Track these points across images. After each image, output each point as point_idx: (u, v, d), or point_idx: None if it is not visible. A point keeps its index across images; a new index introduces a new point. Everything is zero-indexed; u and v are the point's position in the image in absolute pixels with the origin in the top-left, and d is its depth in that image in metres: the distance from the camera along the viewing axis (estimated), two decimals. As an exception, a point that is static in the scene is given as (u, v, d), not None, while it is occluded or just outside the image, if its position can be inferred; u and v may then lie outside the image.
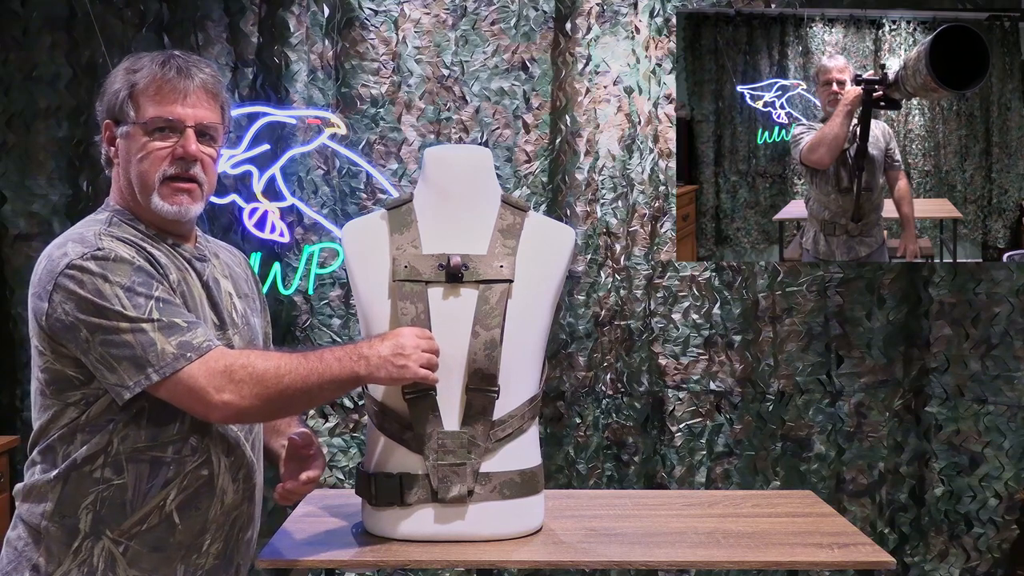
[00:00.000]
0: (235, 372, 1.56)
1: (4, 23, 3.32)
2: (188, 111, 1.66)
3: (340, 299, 3.38)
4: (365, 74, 3.37)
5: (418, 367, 1.69)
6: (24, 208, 3.35)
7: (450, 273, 1.89)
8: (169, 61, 1.67)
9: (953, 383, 3.36)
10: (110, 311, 1.54)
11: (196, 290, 1.68)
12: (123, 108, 1.66)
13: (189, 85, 1.66)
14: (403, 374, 1.68)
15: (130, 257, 1.59)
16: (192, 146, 1.65)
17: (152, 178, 1.65)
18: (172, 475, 1.62)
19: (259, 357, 1.61)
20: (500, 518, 1.89)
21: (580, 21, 3.36)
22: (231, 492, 1.68)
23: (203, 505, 1.65)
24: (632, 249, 3.40)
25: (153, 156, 1.65)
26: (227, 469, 1.67)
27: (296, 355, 1.63)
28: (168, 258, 1.67)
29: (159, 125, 1.65)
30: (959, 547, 3.37)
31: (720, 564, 1.84)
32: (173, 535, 1.62)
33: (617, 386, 3.39)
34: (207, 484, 1.65)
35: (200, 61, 1.72)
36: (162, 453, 1.61)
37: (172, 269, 1.65)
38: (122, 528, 1.60)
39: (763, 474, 3.39)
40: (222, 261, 1.81)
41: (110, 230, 1.64)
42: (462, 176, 1.99)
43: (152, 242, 1.67)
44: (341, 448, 3.38)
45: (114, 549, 1.59)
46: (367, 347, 1.67)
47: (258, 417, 1.68)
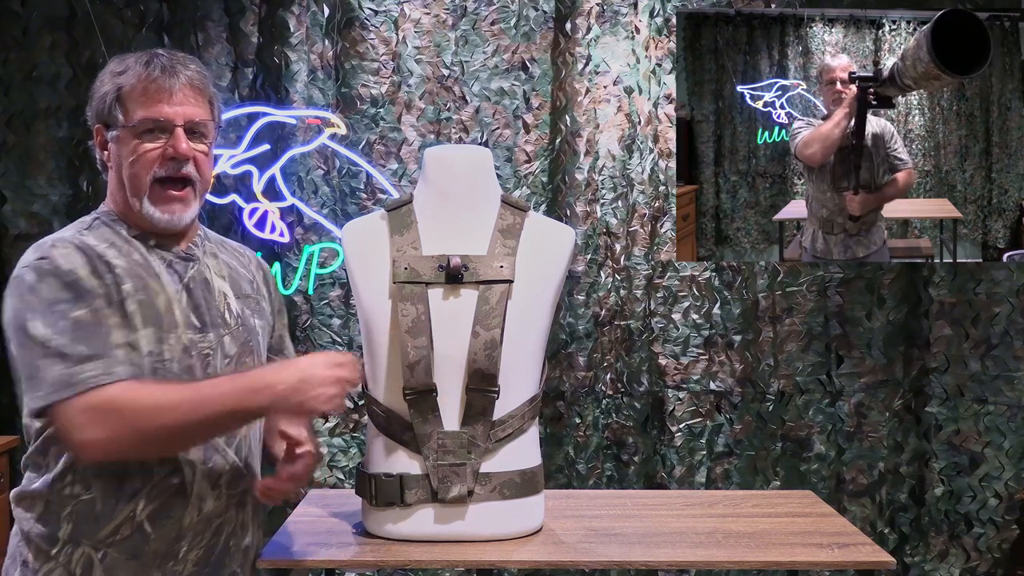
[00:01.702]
0: (113, 411, 1.50)
1: (4, 23, 3.33)
2: (176, 110, 1.64)
3: (340, 299, 3.38)
4: (365, 74, 3.37)
5: (327, 400, 1.55)
6: (24, 208, 3.35)
7: (450, 274, 1.89)
8: (153, 60, 1.65)
9: (953, 383, 3.36)
10: (27, 324, 1.53)
11: (165, 294, 1.63)
12: (111, 112, 1.65)
13: (175, 83, 1.64)
14: (311, 406, 1.55)
15: (68, 270, 1.56)
16: (182, 145, 1.63)
17: (144, 180, 1.63)
18: (139, 485, 1.59)
19: (150, 392, 1.53)
20: (500, 518, 1.89)
21: (580, 21, 3.36)
22: (211, 499, 1.64)
23: (176, 513, 1.61)
24: (632, 249, 3.40)
25: (144, 158, 1.63)
26: (203, 476, 1.63)
27: (192, 387, 1.55)
28: (136, 263, 1.63)
29: (148, 127, 1.63)
30: (959, 547, 3.37)
31: (720, 564, 1.84)
32: (148, 543, 1.60)
33: (617, 386, 3.39)
34: (178, 492, 1.61)
35: (185, 58, 1.69)
36: (127, 465, 1.59)
37: (129, 277, 1.61)
38: (97, 538, 1.60)
39: (763, 474, 3.39)
40: (221, 261, 1.77)
41: (85, 233, 1.64)
42: (462, 176, 1.99)
43: (130, 244, 1.65)
44: (341, 448, 3.38)
45: (93, 555, 1.60)
46: (272, 374, 1.56)
47: (133, 455, 1.57)
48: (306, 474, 1.70)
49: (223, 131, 3.32)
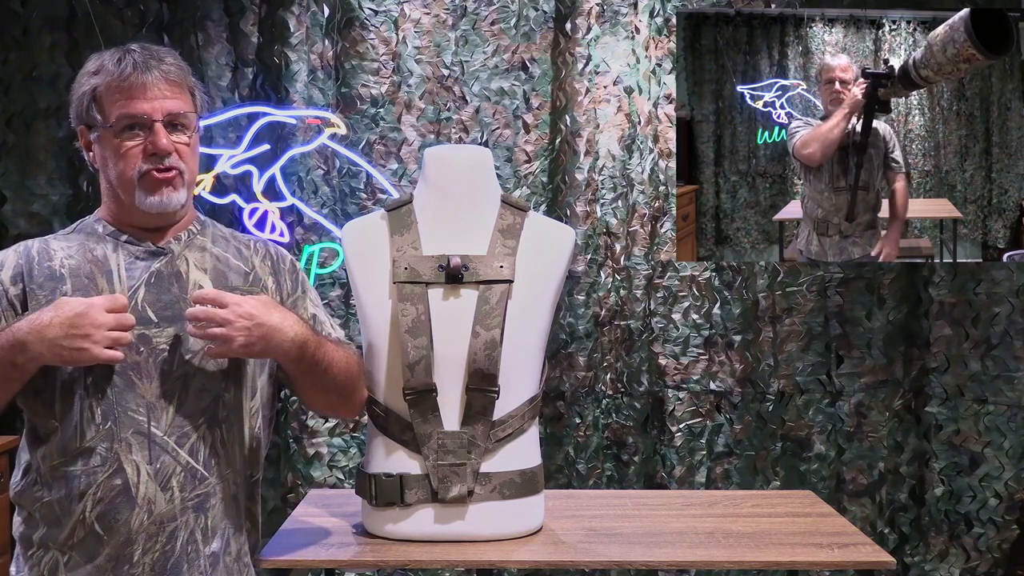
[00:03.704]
0: None
1: (4, 23, 3.32)
2: (153, 104, 1.62)
3: (340, 299, 3.38)
4: (365, 74, 3.37)
5: (101, 348, 1.50)
6: (24, 208, 3.35)
7: (450, 274, 1.89)
8: (125, 57, 1.64)
9: (953, 383, 3.36)
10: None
11: (110, 290, 1.63)
12: (90, 112, 1.65)
13: (148, 78, 1.63)
14: (79, 357, 1.50)
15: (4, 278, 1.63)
16: (162, 141, 1.62)
17: (130, 176, 1.64)
18: (84, 487, 1.59)
19: None
20: (500, 518, 1.89)
21: (580, 21, 3.36)
22: (161, 501, 1.60)
23: (122, 516, 1.59)
24: (632, 249, 3.40)
25: (127, 156, 1.63)
26: (151, 477, 1.59)
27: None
28: (90, 261, 1.65)
29: (126, 124, 1.62)
30: (959, 547, 3.37)
31: (720, 564, 1.84)
32: (102, 546, 1.60)
33: (617, 386, 3.39)
34: (123, 493, 1.59)
35: (160, 51, 1.68)
36: (73, 467, 1.59)
37: (72, 277, 1.63)
38: (60, 541, 1.61)
39: (763, 474, 3.39)
40: (208, 253, 1.73)
41: (59, 235, 1.71)
42: (462, 176, 1.99)
43: (102, 243, 1.67)
44: (341, 448, 3.38)
45: (60, 559, 1.61)
46: (28, 327, 1.51)
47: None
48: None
49: (223, 131, 3.32)
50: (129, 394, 1.61)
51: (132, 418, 1.60)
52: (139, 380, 1.61)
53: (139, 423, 1.60)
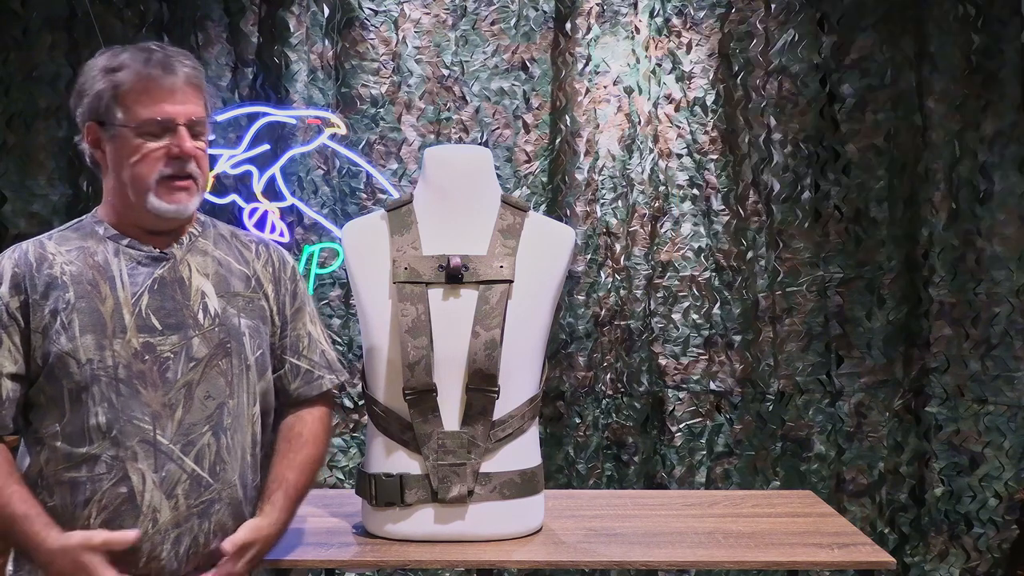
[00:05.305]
0: None
1: (4, 23, 3.32)
2: (178, 108, 1.62)
3: (340, 299, 3.38)
4: (365, 74, 3.37)
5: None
6: (24, 208, 3.35)
7: (450, 274, 1.90)
8: (151, 57, 1.63)
9: (953, 383, 3.36)
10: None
11: (114, 298, 1.62)
12: (108, 110, 1.62)
13: (176, 81, 1.62)
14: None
15: None
16: (187, 144, 1.62)
17: (149, 179, 1.62)
18: (89, 495, 1.58)
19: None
20: (500, 518, 1.89)
21: (580, 21, 3.36)
22: (166, 510, 1.59)
23: (127, 523, 1.58)
24: (632, 249, 3.39)
25: (148, 158, 1.61)
26: (156, 485, 1.59)
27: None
28: (92, 267, 1.64)
29: (151, 128, 1.61)
30: (959, 547, 3.36)
31: (720, 564, 1.84)
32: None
33: (617, 386, 3.39)
34: (128, 502, 1.58)
35: (180, 53, 1.67)
36: (78, 473, 1.58)
37: (74, 284, 1.62)
38: None
39: (763, 474, 3.39)
40: (210, 257, 1.72)
41: (56, 236, 1.69)
42: (462, 176, 1.99)
43: (102, 245, 1.66)
44: (341, 448, 3.38)
45: None
46: (46, 548, 1.55)
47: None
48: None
49: (223, 131, 3.32)
50: (134, 402, 1.60)
51: (137, 426, 1.59)
52: (144, 388, 1.60)
53: (144, 431, 1.59)
